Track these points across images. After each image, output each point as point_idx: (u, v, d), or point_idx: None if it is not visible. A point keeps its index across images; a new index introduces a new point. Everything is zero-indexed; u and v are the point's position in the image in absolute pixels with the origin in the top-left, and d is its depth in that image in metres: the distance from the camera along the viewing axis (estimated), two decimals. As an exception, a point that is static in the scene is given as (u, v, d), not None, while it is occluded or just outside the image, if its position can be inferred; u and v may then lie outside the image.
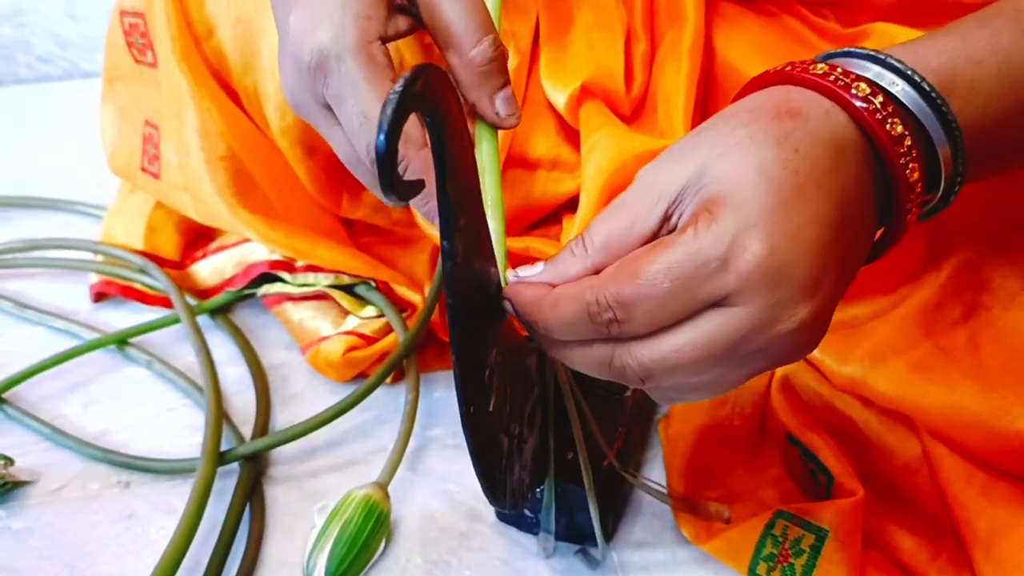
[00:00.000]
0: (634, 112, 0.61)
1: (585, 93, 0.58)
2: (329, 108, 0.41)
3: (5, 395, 0.62)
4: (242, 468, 0.55)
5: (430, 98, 0.31)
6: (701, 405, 0.53)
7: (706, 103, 0.59)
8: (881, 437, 0.49)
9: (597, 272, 0.35)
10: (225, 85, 0.65)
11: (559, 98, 0.59)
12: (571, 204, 0.61)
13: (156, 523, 0.53)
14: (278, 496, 0.55)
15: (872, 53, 0.37)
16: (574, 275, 0.36)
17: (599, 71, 0.59)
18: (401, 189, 0.31)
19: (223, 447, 0.54)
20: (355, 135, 0.39)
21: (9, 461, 0.55)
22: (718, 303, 0.33)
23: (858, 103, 0.34)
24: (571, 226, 0.58)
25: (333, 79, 0.39)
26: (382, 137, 0.28)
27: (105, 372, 0.66)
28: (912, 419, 0.48)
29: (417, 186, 0.33)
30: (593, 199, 0.55)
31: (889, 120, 0.34)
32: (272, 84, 0.62)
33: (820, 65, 0.36)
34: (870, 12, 0.57)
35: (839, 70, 0.36)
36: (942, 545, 0.47)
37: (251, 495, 0.54)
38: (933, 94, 0.35)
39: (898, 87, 0.36)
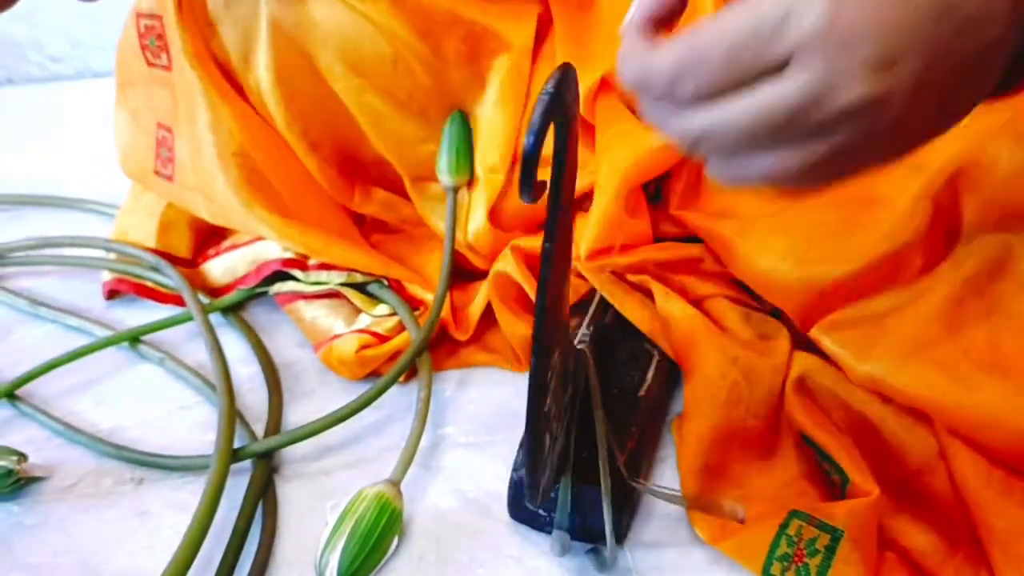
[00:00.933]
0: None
1: (604, 86, 0.58)
2: None
3: (18, 392, 0.62)
4: (255, 466, 0.55)
5: (568, 101, 0.32)
6: (716, 404, 0.52)
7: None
8: (897, 436, 0.49)
9: None
10: (234, 82, 0.65)
11: (576, 93, 0.59)
12: (583, 200, 0.61)
13: (169, 520, 0.53)
14: (290, 494, 0.54)
15: None
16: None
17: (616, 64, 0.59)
18: (537, 189, 0.32)
19: (236, 445, 0.54)
20: None
21: (23, 457, 0.55)
22: (776, 68, 0.30)
23: None
24: (583, 223, 0.58)
25: None
26: (532, 139, 0.29)
27: (118, 369, 0.66)
28: (929, 418, 0.47)
29: (545, 187, 0.34)
30: (609, 195, 0.55)
31: None
32: (268, 78, 0.62)
33: None
34: None
35: None
36: (958, 545, 0.46)
37: (264, 493, 0.54)
38: None
39: None
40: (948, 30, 0.30)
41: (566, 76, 0.30)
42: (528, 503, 0.50)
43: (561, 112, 0.32)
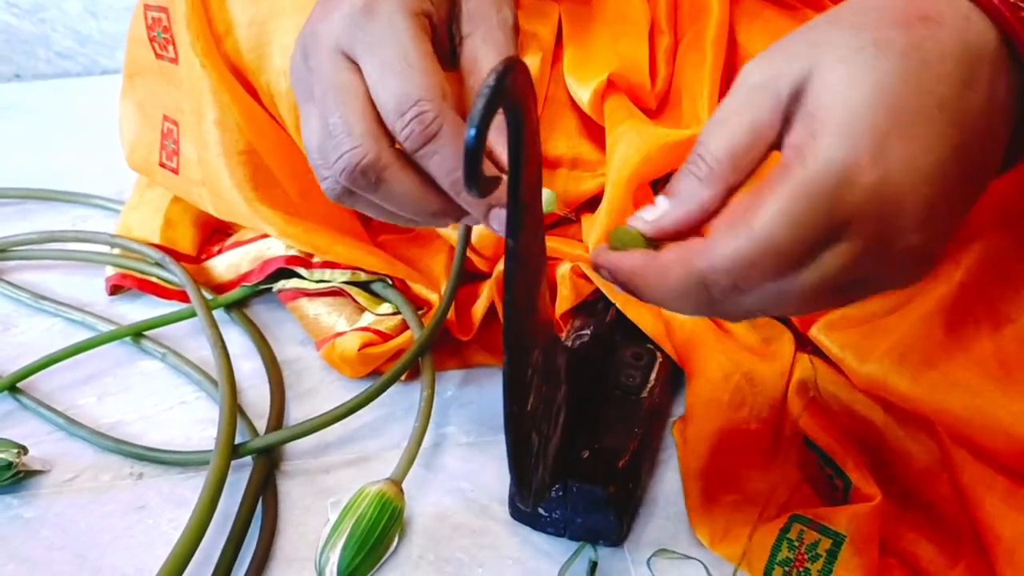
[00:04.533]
0: (659, 106, 0.61)
1: (611, 87, 0.58)
2: (344, 59, 0.39)
3: (20, 385, 0.62)
4: (255, 462, 0.54)
5: (516, 94, 0.31)
6: (718, 407, 0.52)
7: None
8: (900, 441, 0.49)
9: (731, 193, 0.33)
10: (245, 82, 0.65)
11: (584, 93, 0.59)
12: (591, 203, 0.61)
13: (168, 515, 0.53)
14: (291, 490, 0.54)
15: None
16: (709, 203, 0.33)
17: (624, 64, 0.59)
18: (483, 184, 0.31)
19: (237, 441, 0.54)
20: (385, 83, 0.38)
21: (23, 450, 0.55)
22: (832, 239, 0.30)
23: (1004, 9, 0.31)
24: (590, 224, 0.58)
25: (378, 23, 0.38)
26: (473, 131, 0.28)
27: (120, 364, 0.66)
28: (933, 422, 0.47)
29: (495, 182, 0.33)
30: (619, 191, 0.55)
31: None
32: (285, 84, 0.62)
33: None
34: None
35: None
36: (961, 552, 0.46)
37: (264, 489, 0.53)
38: None
39: None
40: (970, 160, 0.31)
41: (510, 68, 0.30)
42: (519, 503, 0.50)
43: (510, 104, 0.31)
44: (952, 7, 0.32)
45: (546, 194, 0.40)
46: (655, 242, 0.34)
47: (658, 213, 0.34)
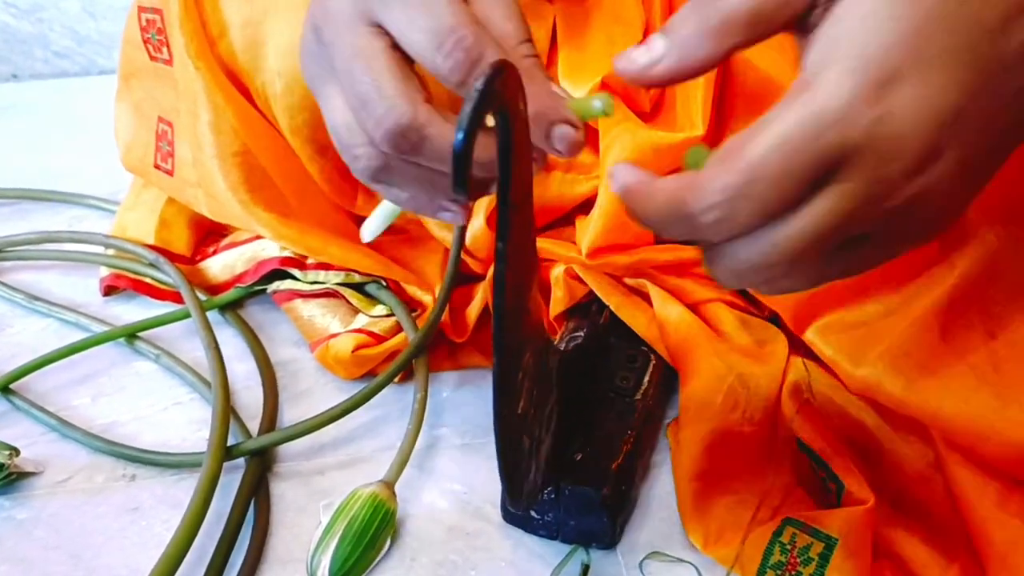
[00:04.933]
0: (653, 108, 0.61)
1: (605, 88, 0.58)
2: (365, 24, 0.37)
3: (13, 386, 0.62)
4: (248, 463, 0.54)
5: (504, 97, 0.31)
6: (712, 409, 0.52)
7: (722, 100, 0.59)
8: (894, 444, 0.49)
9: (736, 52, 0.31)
10: (239, 84, 0.65)
11: (578, 95, 0.58)
12: (584, 206, 0.61)
13: (161, 516, 0.53)
14: (284, 492, 0.54)
15: None
16: (710, 57, 0.32)
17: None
18: (472, 187, 0.31)
19: (230, 442, 0.54)
20: (415, 25, 0.36)
21: (15, 451, 0.55)
22: (824, 181, 0.29)
23: None
24: (584, 226, 0.58)
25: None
26: (461, 135, 0.28)
27: (114, 365, 0.65)
28: (926, 426, 0.47)
29: (484, 185, 0.33)
30: (611, 195, 0.54)
31: None
32: (280, 85, 0.62)
33: None
34: None
35: None
36: (954, 556, 0.46)
37: (257, 490, 0.53)
38: None
39: None
40: (990, 108, 0.30)
41: (498, 71, 0.30)
42: (510, 506, 0.50)
43: (499, 107, 0.31)
44: None
45: (603, 98, 0.37)
46: None
47: (650, 58, 0.32)
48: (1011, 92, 0.30)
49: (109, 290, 0.72)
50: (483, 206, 0.63)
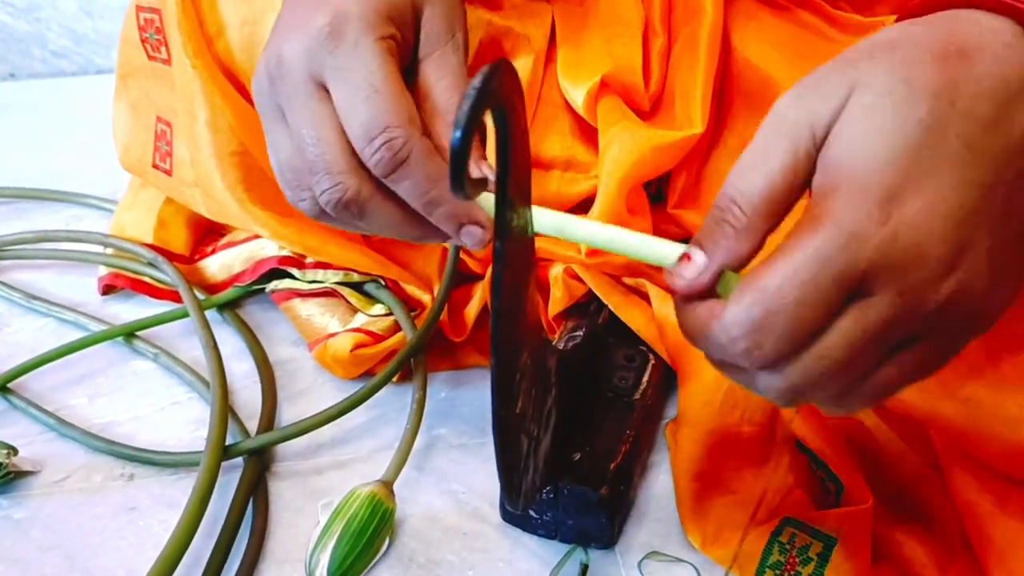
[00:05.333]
0: (653, 107, 0.60)
1: (604, 88, 0.58)
2: (314, 85, 0.39)
3: (11, 385, 0.62)
4: (246, 463, 0.54)
5: (503, 95, 0.31)
6: (711, 410, 0.52)
7: (722, 98, 0.59)
8: (893, 445, 0.49)
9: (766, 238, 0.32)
10: (236, 83, 0.65)
11: (577, 95, 0.58)
12: (584, 205, 0.61)
13: (159, 516, 0.53)
14: (282, 492, 0.54)
15: None
16: (748, 254, 0.33)
17: (618, 65, 0.58)
18: (469, 186, 0.31)
19: (228, 441, 0.54)
20: (354, 110, 0.38)
21: (13, 451, 0.55)
22: (851, 298, 0.30)
23: None
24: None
25: (344, 48, 0.38)
26: (459, 133, 0.28)
27: (112, 364, 0.65)
28: (925, 427, 0.47)
29: (482, 184, 0.33)
30: (611, 192, 0.55)
31: None
32: None
33: None
34: (889, 5, 0.56)
35: None
36: (953, 556, 0.46)
37: (255, 490, 0.53)
38: None
39: None
40: (1007, 195, 0.30)
41: (496, 69, 0.30)
42: (508, 505, 0.50)
43: (497, 105, 0.31)
44: (994, 35, 0.31)
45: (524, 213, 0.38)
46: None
47: (696, 269, 0.33)
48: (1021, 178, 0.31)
49: (107, 289, 0.72)
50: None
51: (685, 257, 0.33)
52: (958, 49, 0.31)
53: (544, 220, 0.37)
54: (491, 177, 0.34)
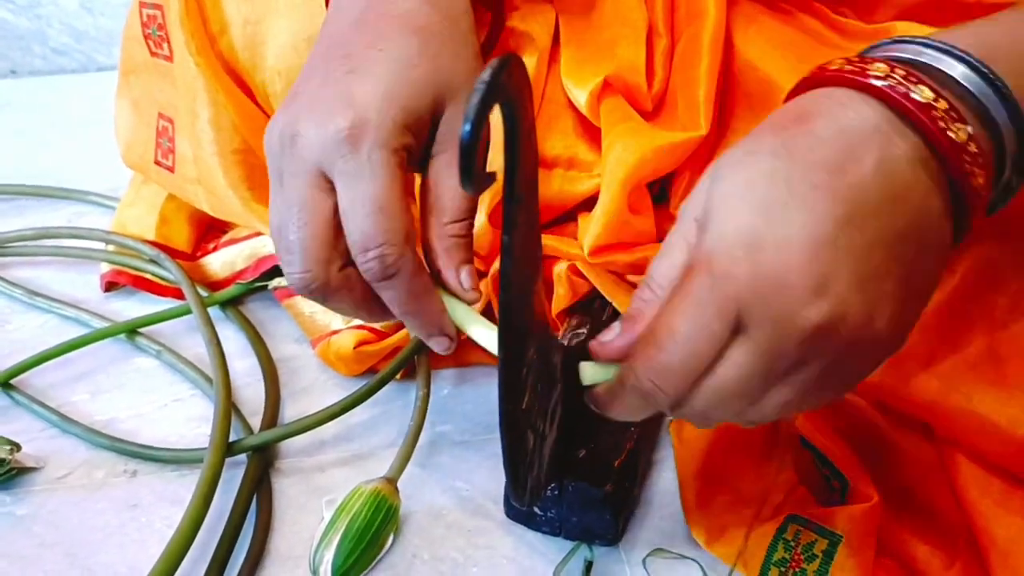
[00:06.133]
0: (655, 108, 0.60)
1: (607, 88, 0.58)
2: (320, 176, 0.41)
3: (13, 381, 0.62)
4: (250, 460, 0.54)
5: (511, 89, 0.31)
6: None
7: (724, 100, 0.59)
8: (897, 443, 0.49)
9: None
10: (239, 81, 0.65)
11: (580, 95, 0.58)
12: (587, 203, 0.61)
13: (161, 513, 0.53)
14: (286, 488, 0.54)
15: (904, 39, 0.37)
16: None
17: (621, 65, 0.58)
18: (479, 181, 0.31)
19: (231, 438, 0.54)
20: (355, 218, 0.40)
21: (15, 447, 0.54)
22: (737, 331, 0.33)
23: (876, 82, 0.34)
24: (587, 223, 0.58)
25: (359, 157, 0.39)
26: (468, 127, 0.28)
27: (114, 361, 0.65)
28: (929, 426, 0.47)
29: (492, 178, 0.33)
30: (614, 192, 0.55)
31: (913, 87, 0.34)
32: (280, 84, 0.62)
33: (838, 61, 0.36)
34: (891, 11, 0.56)
35: (856, 58, 0.35)
36: (957, 554, 0.46)
37: (258, 487, 0.53)
38: (977, 63, 0.35)
39: (928, 55, 0.35)
40: (871, 229, 0.33)
41: (504, 64, 0.30)
42: (514, 502, 0.50)
43: (505, 100, 0.31)
44: (830, 99, 0.35)
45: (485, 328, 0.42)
46: None
47: (611, 336, 0.38)
48: (884, 204, 0.33)
49: (109, 286, 0.72)
50: (484, 203, 0.63)
51: (608, 329, 0.39)
52: (796, 116, 0.35)
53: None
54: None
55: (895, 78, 0.34)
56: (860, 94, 0.34)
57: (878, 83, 0.34)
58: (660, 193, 0.63)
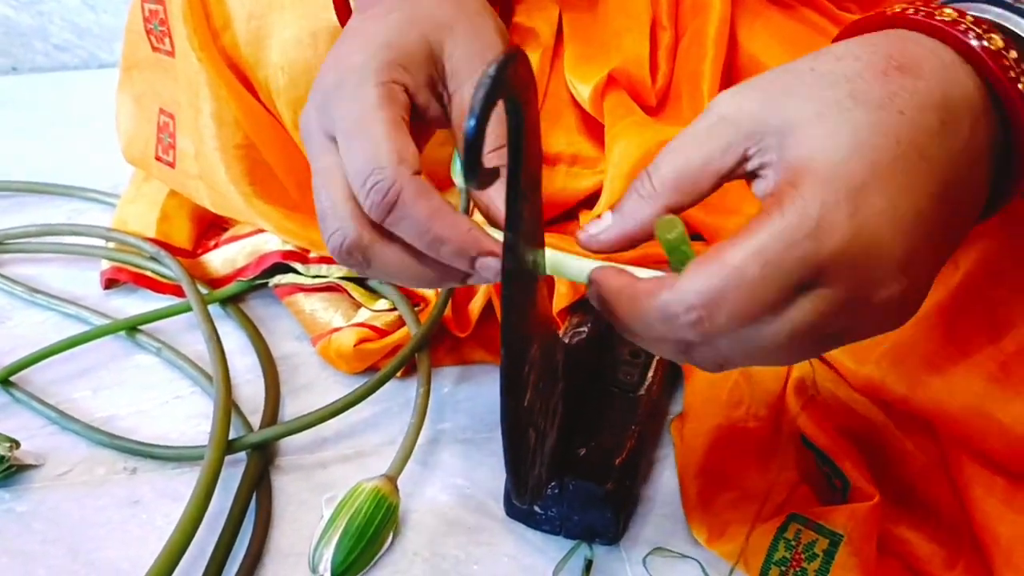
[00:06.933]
0: (659, 103, 0.60)
1: (611, 83, 0.58)
2: (327, 138, 0.40)
3: (13, 378, 0.62)
4: (250, 457, 0.54)
5: (516, 85, 0.31)
6: (716, 405, 0.52)
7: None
8: (899, 441, 0.48)
9: (669, 211, 0.34)
10: (242, 77, 0.65)
11: (584, 90, 0.58)
12: (589, 200, 0.61)
13: (162, 510, 0.53)
14: (286, 486, 0.54)
15: None
16: (647, 219, 0.34)
17: (625, 60, 0.58)
18: (483, 176, 0.31)
19: (231, 436, 0.54)
20: (349, 157, 0.39)
21: (15, 444, 0.54)
22: (807, 286, 0.31)
23: (988, 58, 0.32)
24: (588, 220, 0.58)
25: (345, 98, 0.39)
26: (472, 121, 0.28)
27: (114, 358, 0.65)
28: (931, 424, 0.47)
29: (495, 174, 0.33)
30: (617, 187, 0.55)
31: (1021, 77, 0.32)
32: (283, 80, 0.62)
33: (948, 10, 0.34)
34: (894, 5, 0.56)
35: (970, 18, 0.33)
36: (959, 552, 0.46)
37: (258, 484, 0.53)
38: None
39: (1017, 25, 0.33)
40: (950, 207, 0.32)
41: (510, 59, 0.30)
42: (515, 500, 0.50)
43: (509, 95, 0.31)
44: (933, 55, 0.33)
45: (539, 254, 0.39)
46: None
47: (601, 227, 0.36)
48: (961, 185, 0.32)
49: (110, 283, 0.72)
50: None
51: (596, 217, 0.36)
52: (899, 64, 0.32)
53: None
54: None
55: (1006, 58, 0.32)
56: (958, 56, 0.33)
57: (975, 43, 0.32)
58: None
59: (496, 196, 0.40)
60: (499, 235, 0.38)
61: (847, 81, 0.32)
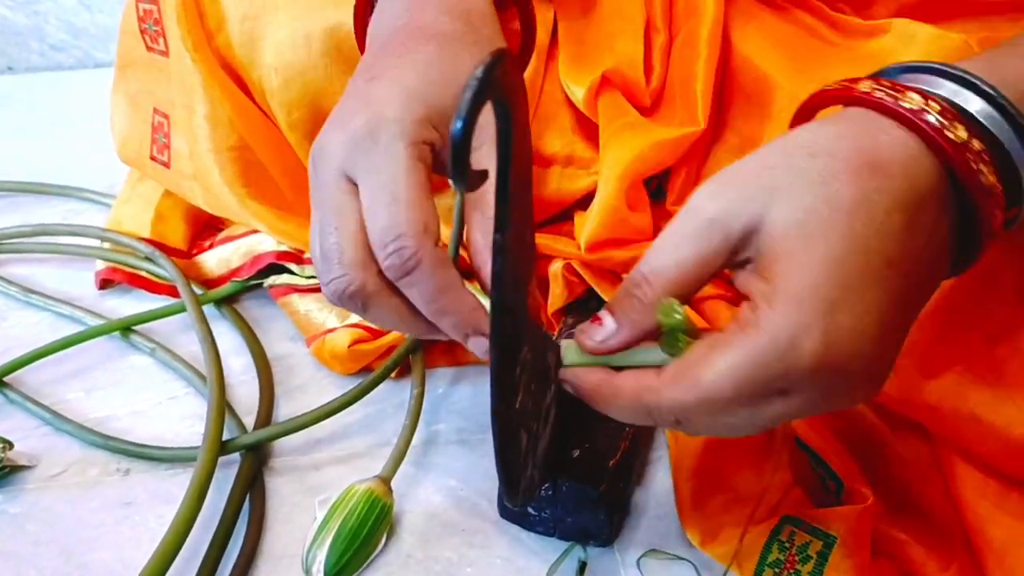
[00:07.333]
0: (653, 104, 0.60)
1: (605, 83, 0.58)
2: (345, 179, 0.41)
3: (7, 379, 0.61)
4: (243, 458, 0.54)
5: (504, 86, 0.31)
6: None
7: (722, 96, 0.59)
8: (893, 444, 0.48)
9: None
10: (236, 78, 0.64)
11: (578, 91, 0.58)
12: (583, 201, 0.61)
13: (155, 511, 0.53)
14: (279, 487, 0.54)
15: (945, 68, 0.36)
16: (651, 325, 0.36)
17: (619, 61, 0.58)
18: (471, 178, 0.31)
19: (225, 437, 0.54)
20: (374, 213, 0.39)
21: (8, 445, 0.54)
22: (778, 394, 0.34)
23: (953, 152, 0.33)
24: (583, 222, 0.58)
25: (377, 151, 0.39)
26: (459, 123, 0.28)
27: (109, 359, 0.65)
28: (924, 425, 0.47)
29: (483, 176, 0.33)
30: (612, 188, 0.54)
31: (982, 168, 0.33)
32: (276, 81, 0.61)
33: (913, 95, 0.34)
34: (888, 7, 0.56)
35: (935, 106, 0.34)
36: (953, 555, 0.46)
37: (252, 485, 0.53)
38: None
39: (975, 106, 0.34)
40: (916, 301, 0.35)
41: (497, 60, 0.29)
42: (507, 502, 0.50)
43: (498, 96, 0.31)
44: (903, 148, 0.34)
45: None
46: (695, 332, 0.36)
47: (605, 333, 0.38)
48: (924, 276, 0.35)
49: (104, 283, 0.72)
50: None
51: (596, 319, 0.38)
52: (871, 161, 0.33)
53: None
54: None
55: (972, 147, 0.34)
56: (923, 145, 0.34)
57: (940, 137, 0.33)
58: (657, 189, 0.63)
59: (486, 263, 0.41)
60: (487, 301, 0.40)
61: (822, 184, 0.33)
